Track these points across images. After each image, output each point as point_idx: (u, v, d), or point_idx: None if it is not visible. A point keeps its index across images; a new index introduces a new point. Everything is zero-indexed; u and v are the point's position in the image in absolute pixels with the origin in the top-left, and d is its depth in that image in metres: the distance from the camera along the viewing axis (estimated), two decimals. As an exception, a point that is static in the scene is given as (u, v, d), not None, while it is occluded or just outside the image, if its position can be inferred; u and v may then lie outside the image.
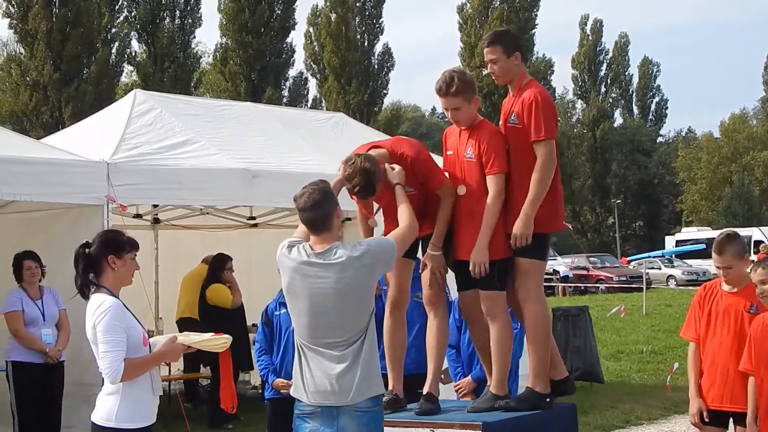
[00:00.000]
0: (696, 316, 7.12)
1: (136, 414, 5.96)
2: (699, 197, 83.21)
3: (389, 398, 6.53)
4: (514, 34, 7.03)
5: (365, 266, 5.65)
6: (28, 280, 10.51)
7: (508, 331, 6.41)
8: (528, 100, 6.31)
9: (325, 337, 5.65)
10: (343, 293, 5.61)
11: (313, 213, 5.73)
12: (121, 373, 5.81)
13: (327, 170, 12.72)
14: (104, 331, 5.83)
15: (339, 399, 5.59)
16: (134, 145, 11.71)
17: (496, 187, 6.29)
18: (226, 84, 68.93)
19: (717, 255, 6.95)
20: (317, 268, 5.66)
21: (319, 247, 5.72)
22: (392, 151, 6.38)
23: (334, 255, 5.66)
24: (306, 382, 5.69)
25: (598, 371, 16.14)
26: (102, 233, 6.33)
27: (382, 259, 5.76)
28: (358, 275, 5.64)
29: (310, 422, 5.70)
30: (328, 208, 5.76)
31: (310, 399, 5.67)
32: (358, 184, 6.01)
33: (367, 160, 6.04)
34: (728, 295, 6.99)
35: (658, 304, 33.97)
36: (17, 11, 59.41)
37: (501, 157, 6.32)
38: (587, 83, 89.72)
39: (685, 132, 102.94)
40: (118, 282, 6.12)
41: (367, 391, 5.63)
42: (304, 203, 5.76)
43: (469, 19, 76.86)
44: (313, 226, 5.77)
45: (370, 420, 5.66)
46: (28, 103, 58.59)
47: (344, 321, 5.63)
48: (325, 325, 5.64)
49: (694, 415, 7.10)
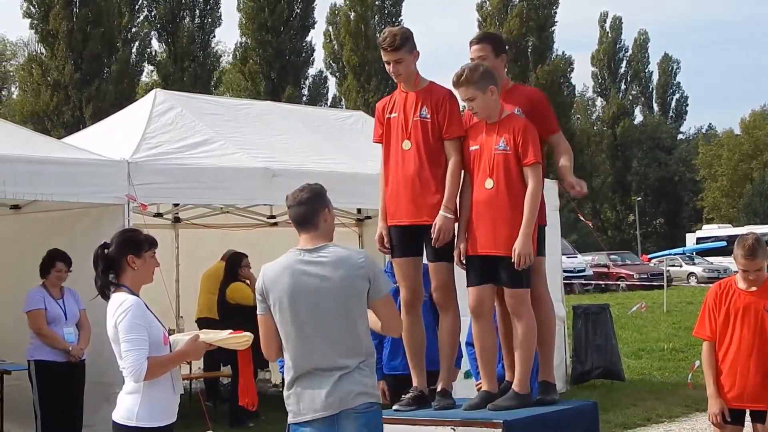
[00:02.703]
0: (711, 315, 7.08)
1: (156, 412, 5.97)
2: (720, 194, 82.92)
3: (414, 395, 6.56)
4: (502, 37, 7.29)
5: (361, 267, 5.58)
6: (53, 282, 10.55)
7: (533, 330, 6.40)
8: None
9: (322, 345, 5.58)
10: (336, 290, 5.54)
11: (299, 209, 5.70)
12: (145, 372, 5.81)
13: (347, 169, 12.78)
14: (126, 330, 5.84)
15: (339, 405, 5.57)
16: (155, 145, 11.74)
17: (536, 177, 6.33)
18: (245, 83, 69.13)
19: (750, 260, 6.88)
20: (309, 266, 5.59)
21: (309, 245, 5.66)
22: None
23: (325, 251, 5.61)
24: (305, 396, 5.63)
25: (619, 369, 16.11)
26: (120, 233, 6.32)
27: (380, 277, 5.68)
28: (353, 273, 5.57)
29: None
30: (314, 206, 5.71)
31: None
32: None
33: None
34: (746, 293, 6.96)
35: (679, 301, 33.86)
36: (38, 11, 59.73)
37: (537, 148, 6.36)
38: (607, 80, 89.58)
39: (705, 129, 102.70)
40: (138, 280, 6.13)
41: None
42: (291, 200, 5.75)
43: (489, 16, 76.79)
44: (299, 223, 5.71)
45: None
46: (49, 102, 58.90)
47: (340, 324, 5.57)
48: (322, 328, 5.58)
49: (715, 415, 7.06)
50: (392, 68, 6.62)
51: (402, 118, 6.62)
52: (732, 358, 6.94)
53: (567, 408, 6.68)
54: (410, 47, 6.58)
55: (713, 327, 7.05)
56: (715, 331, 7.04)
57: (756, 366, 6.84)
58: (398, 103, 6.71)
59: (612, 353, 15.95)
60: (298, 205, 5.72)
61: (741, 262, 6.94)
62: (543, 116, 6.65)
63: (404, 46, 6.57)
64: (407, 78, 6.66)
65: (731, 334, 6.94)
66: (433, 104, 6.55)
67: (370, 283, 5.59)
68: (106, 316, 6.00)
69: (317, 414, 5.54)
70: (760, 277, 6.93)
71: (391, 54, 6.58)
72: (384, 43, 6.59)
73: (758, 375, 6.83)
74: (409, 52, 6.61)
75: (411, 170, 6.53)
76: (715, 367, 7.05)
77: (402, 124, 6.61)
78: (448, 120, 6.52)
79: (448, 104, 6.54)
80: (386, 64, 6.66)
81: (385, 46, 6.58)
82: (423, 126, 6.54)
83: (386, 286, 5.75)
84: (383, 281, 5.72)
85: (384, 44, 6.59)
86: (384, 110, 6.77)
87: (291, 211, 5.76)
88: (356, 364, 5.55)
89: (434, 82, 6.72)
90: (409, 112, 6.59)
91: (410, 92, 6.66)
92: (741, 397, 6.93)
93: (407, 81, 6.67)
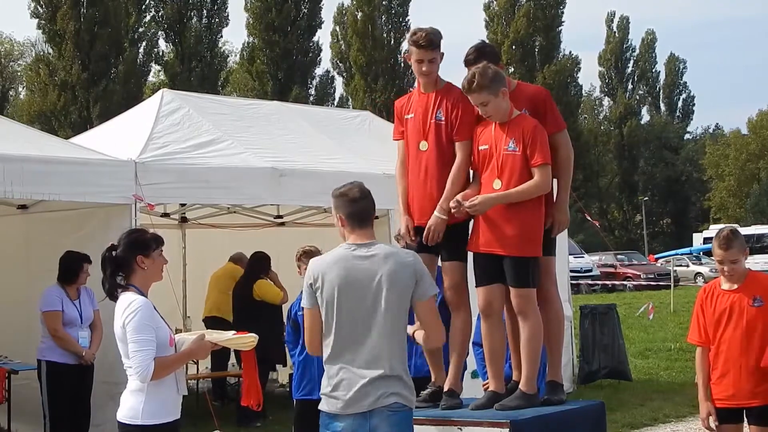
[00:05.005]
0: (699, 320, 7.09)
1: (161, 410, 5.98)
2: (727, 194, 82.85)
3: (431, 390, 6.60)
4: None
5: (408, 264, 5.65)
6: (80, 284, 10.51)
7: (539, 329, 6.40)
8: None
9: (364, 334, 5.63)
10: (385, 284, 5.57)
11: (364, 203, 5.74)
12: (152, 372, 5.83)
13: (354, 168, 12.77)
14: (135, 330, 5.86)
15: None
16: (162, 145, 11.74)
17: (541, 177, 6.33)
18: (253, 83, 69.22)
19: (724, 251, 6.90)
20: (361, 260, 5.64)
21: (361, 241, 5.69)
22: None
23: (376, 247, 5.67)
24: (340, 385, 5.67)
25: (626, 369, 16.11)
26: (126, 234, 6.31)
27: (426, 278, 5.72)
28: (401, 269, 5.62)
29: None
30: (372, 204, 5.78)
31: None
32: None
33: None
34: (730, 293, 6.97)
35: (686, 301, 33.72)
36: (46, 12, 59.89)
37: (546, 149, 6.36)
38: (614, 80, 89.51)
39: (712, 129, 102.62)
40: (147, 280, 6.15)
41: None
42: (357, 194, 5.74)
43: (496, 16, 76.90)
44: (361, 219, 5.73)
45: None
46: (57, 102, 59.04)
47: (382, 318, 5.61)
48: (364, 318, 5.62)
49: (703, 420, 7.10)
50: (425, 67, 6.61)
51: (420, 119, 6.64)
52: (725, 357, 6.95)
53: (574, 408, 6.68)
54: (493, 89, 6.50)
55: (701, 332, 7.06)
56: (704, 335, 7.04)
57: (748, 363, 6.84)
58: (415, 104, 6.73)
59: (619, 353, 15.94)
60: (363, 199, 5.75)
61: (716, 253, 6.97)
62: (546, 114, 6.64)
63: (439, 45, 6.64)
64: (434, 78, 6.68)
65: (722, 335, 6.95)
66: (448, 106, 6.58)
67: (416, 281, 5.65)
68: (114, 316, 6.02)
69: (349, 409, 5.59)
70: (737, 271, 6.93)
71: (428, 52, 6.59)
72: (421, 40, 6.58)
73: (751, 371, 6.83)
74: (439, 52, 6.67)
75: (427, 171, 6.57)
76: (706, 372, 7.07)
77: (419, 125, 6.64)
78: (460, 122, 6.53)
79: (461, 106, 6.56)
80: (417, 63, 6.63)
81: (423, 44, 6.58)
82: (437, 128, 6.57)
83: (432, 288, 5.79)
84: (429, 282, 5.76)
85: (421, 41, 6.58)
86: (402, 110, 6.81)
87: (355, 205, 5.74)
88: (396, 363, 5.62)
89: (451, 83, 6.74)
90: (427, 113, 6.62)
91: (429, 93, 6.68)
92: (736, 395, 6.94)
93: (432, 81, 6.69)
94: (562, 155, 6.62)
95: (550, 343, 6.62)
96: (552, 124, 6.61)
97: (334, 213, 5.86)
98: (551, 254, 6.65)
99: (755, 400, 6.87)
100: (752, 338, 6.83)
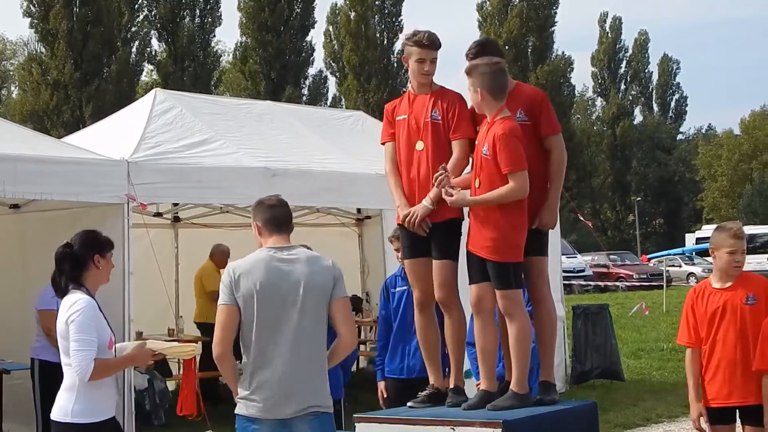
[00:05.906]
0: (689, 321, 7.07)
1: (92, 409, 6.14)
2: (719, 194, 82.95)
3: (430, 392, 6.64)
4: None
5: (328, 267, 5.89)
6: None
7: (527, 330, 6.39)
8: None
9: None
10: (305, 287, 5.75)
11: (284, 210, 5.98)
12: (91, 372, 5.95)
13: (347, 168, 12.78)
14: (77, 329, 6.01)
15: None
16: (154, 144, 11.74)
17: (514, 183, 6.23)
18: (246, 83, 69.17)
19: (739, 239, 6.89)
20: (283, 262, 5.80)
21: (281, 244, 5.88)
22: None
23: (296, 250, 5.89)
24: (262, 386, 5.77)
25: (619, 369, 16.14)
26: (82, 233, 6.50)
27: (342, 282, 5.94)
28: (320, 272, 5.83)
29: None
30: (290, 212, 6.05)
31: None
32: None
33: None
34: (722, 291, 6.95)
35: (679, 301, 33.67)
36: (38, 11, 59.76)
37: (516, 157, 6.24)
38: (607, 81, 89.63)
39: (705, 129, 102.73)
40: (97, 281, 6.34)
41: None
42: (275, 202, 5.99)
43: (489, 17, 76.92)
44: (282, 223, 5.94)
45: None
46: (49, 102, 58.92)
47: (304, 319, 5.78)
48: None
49: (694, 421, 7.10)
50: (427, 67, 6.66)
51: (413, 120, 6.65)
52: (719, 356, 6.93)
53: (566, 408, 6.67)
54: (473, 84, 6.54)
55: (691, 333, 7.04)
56: (694, 336, 7.03)
57: (742, 361, 6.84)
58: (407, 105, 6.74)
59: (611, 353, 15.96)
60: (282, 206, 5.99)
61: (729, 243, 6.88)
62: (541, 115, 6.62)
63: (440, 46, 6.73)
64: (431, 79, 6.72)
65: (715, 334, 6.93)
66: (444, 106, 6.59)
67: (334, 282, 5.86)
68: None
69: (269, 414, 5.70)
70: (743, 263, 6.95)
71: (430, 52, 6.66)
72: (424, 40, 6.64)
73: (744, 370, 6.83)
74: (437, 54, 6.77)
75: (423, 171, 6.57)
76: (697, 373, 7.04)
77: (414, 126, 6.64)
78: (456, 121, 6.55)
79: (457, 106, 6.59)
80: (418, 63, 6.66)
81: (426, 43, 6.64)
82: (434, 127, 6.58)
83: (345, 291, 6.00)
84: (344, 287, 5.98)
85: (425, 41, 6.64)
86: (393, 112, 6.83)
87: (275, 211, 5.97)
88: (316, 366, 5.79)
89: (444, 86, 6.78)
90: (421, 113, 6.63)
91: (423, 95, 6.70)
92: (730, 395, 6.93)
93: (428, 83, 6.72)
94: (555, 158, 6.60)
95: (543, 343, 6.62)
96: (546, 126, 6.59)
97: (252, 223, 6.05)
98: (544, 254, 6.65)
99: (750, 399, 6.87)
100: (746, 336, 6.83)
